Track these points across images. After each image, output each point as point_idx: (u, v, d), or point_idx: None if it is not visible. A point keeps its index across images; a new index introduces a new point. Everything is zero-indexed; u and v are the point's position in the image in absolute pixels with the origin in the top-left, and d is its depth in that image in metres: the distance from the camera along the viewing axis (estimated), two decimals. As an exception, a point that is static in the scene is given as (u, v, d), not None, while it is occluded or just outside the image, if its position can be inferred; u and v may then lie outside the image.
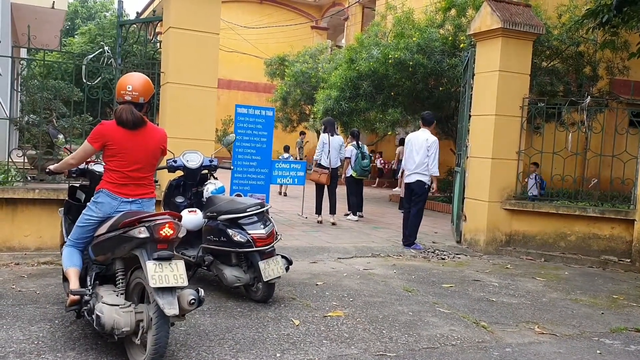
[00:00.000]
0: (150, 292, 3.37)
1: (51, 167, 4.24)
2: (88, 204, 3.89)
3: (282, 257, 5.22)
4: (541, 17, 9.91)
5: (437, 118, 13.36)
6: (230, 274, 5.06)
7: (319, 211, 10.27)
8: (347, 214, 11.18)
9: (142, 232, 3.44)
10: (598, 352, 4.41)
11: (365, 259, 7.43)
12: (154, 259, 3.40)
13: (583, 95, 9.10)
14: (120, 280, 3.71)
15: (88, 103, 7.07)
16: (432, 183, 8.31)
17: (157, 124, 6.93)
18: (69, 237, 3.99)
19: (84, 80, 6.91)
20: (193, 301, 3.42)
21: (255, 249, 4.96)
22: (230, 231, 4.98)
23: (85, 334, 4.04)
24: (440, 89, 12.34)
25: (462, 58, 10.42)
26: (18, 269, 5.85)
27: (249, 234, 4.96)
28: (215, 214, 5.17)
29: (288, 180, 10.11)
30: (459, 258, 8.02)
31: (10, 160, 6.72)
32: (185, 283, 3.42)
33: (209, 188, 5.63)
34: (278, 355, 3.90)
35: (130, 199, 3.81)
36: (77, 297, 3.72)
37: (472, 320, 4.99)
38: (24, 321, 4.24)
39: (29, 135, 7.88)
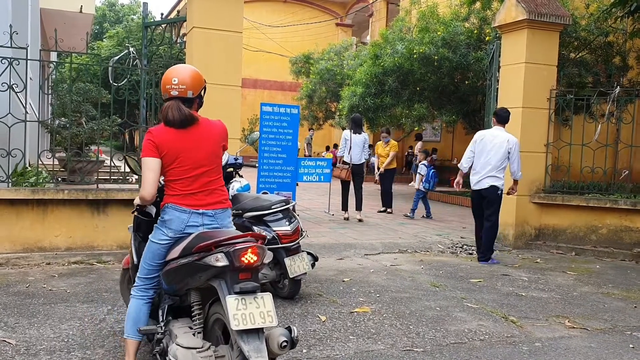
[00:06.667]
0: (232, 334, 2.81)
1: (135, 202, 3.50)
2: (155, 225, 3.31)
3: (308, 253, 5.23)
4: (568, 8, 9.72)
5: (464, 112, 13.28)
6: (257, 270, 5.08)
7: (345, 208, 10.26)
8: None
9: (219, 260, 2.84)
10: (631, 346, 4.32)
11: (392, 255, 7.40)
12: (236, 293, 2.81)
13: (612, 85, 8.90)
14: (197, 315, 3.15)
15: (116, 105, 7.16)
16: (515, 185, 7.49)
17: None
18: (137, 274, 3.36)
19: (111, 82, 7.02)
20: (285, 344, 2.80)
21: (280, 245, 4.98)
22: (255, 228, 5.01)
23: (114, 331, 4.10)
24: (466, 82, 12.21)
25: (487, 51, 10.29)
26: (49, 268, 5.98)
27: (274, 231, 4.98)
28: (240, 212, 5.20)
29: (314, 178, 10.12)
30: (488, 253, 7.92)
31: (40, 162, 6.86)
32: (275, 322, 2.82)
33: (235, 186, 5.66)
34: (304, 351, 3.90)
35: (201, 211, 3.21)
36: None
37: (501, 315, 4.93)
38: (54, 319, 4.33)
39: (60, 137, 8.03)
